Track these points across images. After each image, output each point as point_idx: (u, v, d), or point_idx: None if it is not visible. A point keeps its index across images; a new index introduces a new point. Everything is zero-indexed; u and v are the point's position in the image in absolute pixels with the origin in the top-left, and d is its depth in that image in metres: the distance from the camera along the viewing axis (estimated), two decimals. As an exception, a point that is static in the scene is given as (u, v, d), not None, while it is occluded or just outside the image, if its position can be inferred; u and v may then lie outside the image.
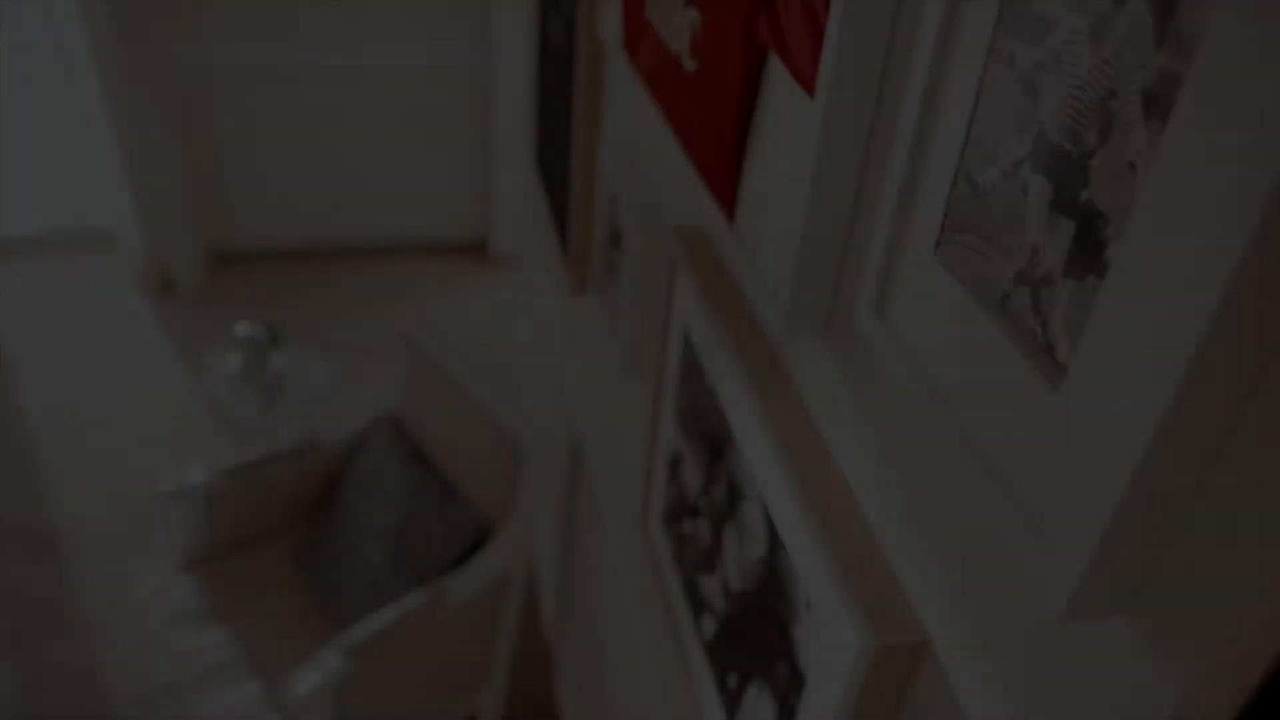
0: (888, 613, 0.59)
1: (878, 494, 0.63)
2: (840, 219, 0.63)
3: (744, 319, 0.84)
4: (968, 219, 0.47)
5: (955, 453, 0.48)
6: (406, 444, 1.93)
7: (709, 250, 0.94)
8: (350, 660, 1.56)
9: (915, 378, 0.52)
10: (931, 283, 0.51)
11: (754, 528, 0.79)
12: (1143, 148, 0.35)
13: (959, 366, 0.49)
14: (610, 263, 1.31)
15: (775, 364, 0.79)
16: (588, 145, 1.37)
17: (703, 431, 0.92)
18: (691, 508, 0.98)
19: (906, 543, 0.60)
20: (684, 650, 1.04)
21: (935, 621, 0.57)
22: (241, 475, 1.92)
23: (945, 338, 0.50)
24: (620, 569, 1.44)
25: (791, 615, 0.71)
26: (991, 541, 0.50)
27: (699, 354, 0.92)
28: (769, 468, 0.74)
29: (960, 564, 0.53)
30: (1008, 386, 0.44)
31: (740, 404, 0.80)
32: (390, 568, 1.81)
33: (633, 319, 1.18)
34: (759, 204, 0.74)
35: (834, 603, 0.63)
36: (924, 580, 0.58)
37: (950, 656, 0.55)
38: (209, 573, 1.95)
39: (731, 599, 0.86)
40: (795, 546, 0.70)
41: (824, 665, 0.65)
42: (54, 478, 2.78)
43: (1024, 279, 0.43)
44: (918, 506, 0.58)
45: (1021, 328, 0.43)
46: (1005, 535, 0.44)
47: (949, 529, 0.54)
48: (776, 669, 0.76)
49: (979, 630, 0.52)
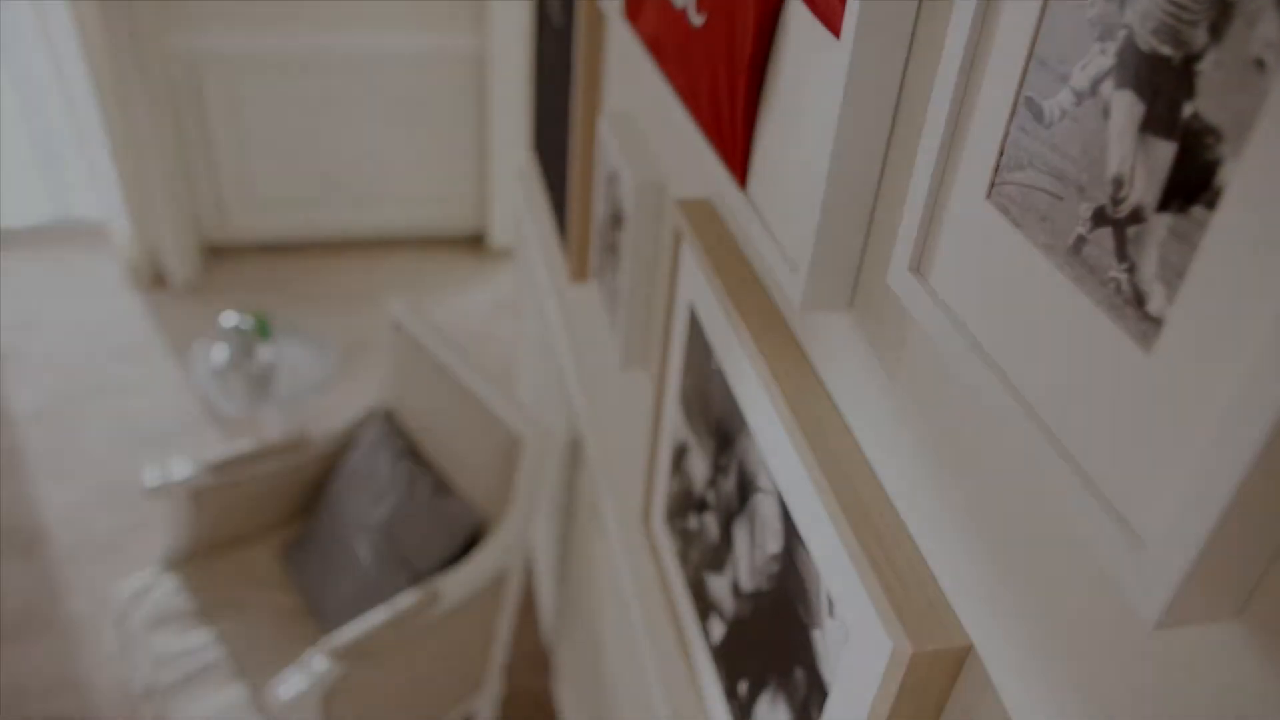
0: (926, 614, 0.52)
1: (912, 482, 0.56)
2: (870, 172, 0.56)
3: (756, 292, 0.77)
4: (1030, 154, 0.41)
5: (1016, 433, 0.41)
6: (399, 437, 1.86)
7: (716, 222, 0.87)
8: (337, 663, 1.49)
9: (963, 346, 0.45)
10: (983, 233, 0.44)
11: (768, 521, 0.72)
12: (1277, 37, 0.28)
13: (1020, 330, 0.42)
14: (611, 245, 1.24)
15: (792, 341, 0.72)
16: (587, 121, 1.30)
17: (710, 418, 0.85)
18: (698, 501, 0.92)
19: (947, 536, 0.53)
20: (689, 655, 0.97)
21: (982, 624, 0.50)
22: (227, 470, 1.85)
23: (1001, 297, 0.43)
24: (622, 568, 1.37)
25: (812, 617, 0.64)
26: (1057, 534, 0.43)
27: (706, 333, 0.85)
28: (786, 454, 0.67)
29: (1014, 559, 0.46)
30: (1084, 350, 0.38)
31: (752, 385, 0.73)
32: (381, 566, 1.74)
33: (634, 300, 1.11)
34: (774, 165, 0.67)
35: (863, 603, 0.56)
36: (968, 577, 0.51)
37: (1000, 664, 0.48)
38: (194, 572, 1.88)
39: (742, 600, 0.79)
40: (816, 541, 0.63)
41: (851, 674, 0.58)
42: (40, 475, 2.71)
43: (1104, 218, 0.36)
44: (962, 495, 0.51)
45: (1101, 277, 0.36)
46: (1080, 527, 0.37)
47: (1001, 520, 0.47)
48: (794, 677, 0.69)
49: (1037, 635, 0.45)
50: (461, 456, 1.74)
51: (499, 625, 1.83)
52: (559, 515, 1.96)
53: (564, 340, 1.84)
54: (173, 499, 1.81)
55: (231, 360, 2.16)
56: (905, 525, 0.58)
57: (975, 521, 0.50)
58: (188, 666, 1.69)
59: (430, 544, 1.70)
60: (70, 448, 2.81)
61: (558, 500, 1.94)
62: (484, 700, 1.95)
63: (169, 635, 1.75)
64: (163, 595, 1.81)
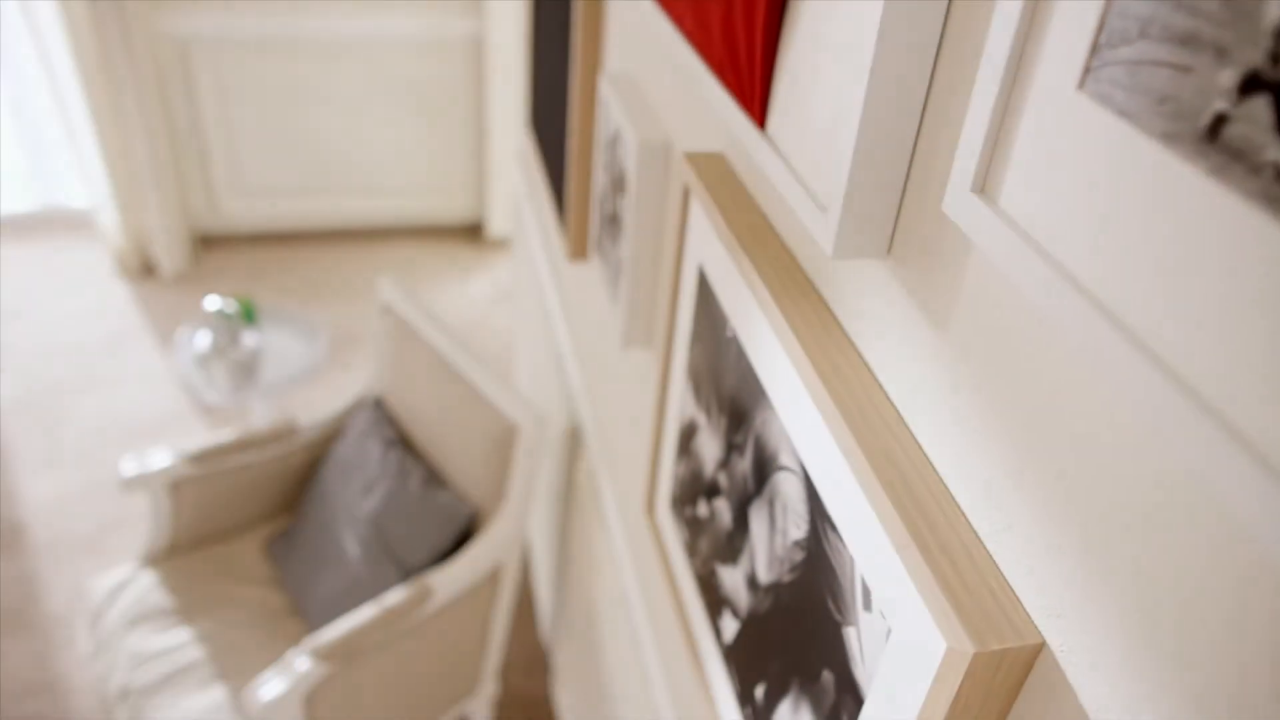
0: (988, 606, 0.44)
1: (965, 451, 0.48)
2: (917, 81, 0.48)
3: (775, 248, 0.69)
4: (1142, 21, 0.32)
5: (1125, 377, 0.33)
6: (389, 426, 1.78)
7: (729, 175, 0.78)
8: (321, 663, 1.41)
9: (1048, 276, 0.36)
10: (1075, 132, 0.36)
11: (791, 504, 0.63)
12: None
13: (1130, 248, 0.33)
14: (612, 215, 1.16)
15: (817, 300, 0.63)
16: (587, 81, 1.22)
17: (722, 392, 0.77)
18: (708, 486, 0.83)
19: (1012, 512, 0.44)
20: (698, 656, 0.88)
21: (1058, 617, 0.41)
22: (208, 460, 1.77)
23: (1102, 208, 0.34)
24: (624, 562, 1.29)
25: (844, 612, 0.56)
26: (1174, 502, 0.34)
27: (717, 297, 0.76)
28: (813, 426, 0.59)
29: (1108, 537, 0.38)
30: (1227, 262, 0.29)
31: (773, 350, 0.65)
32: (370, 561, 1.65)
33: (638, 269, 1.03)
34: (799, 93, 0.59)
35: (908, 594, 0.48)
36: (1041, 562, 0.42)
37: (1082, 664, 0.40)
38: (173, 567, 1.79)
39: (760, 593, 0.71)
40: (850, 523, 0.54)
41: (893, 677, 0.50)
42: (21, 468, 2.63)
43: (1259, 83, 0.28)
44: (1033, 462, 0.42)
45: (1253, 163, 0.28)
46: (1221, 494, 0.29)
47: (1089, 488, 0.39)
48: (820, 680, 0.60)
49: (1136, 630, 0.36)
50: (455, 445, 1.65)
51: (494, 624, 1.74)
52: (557, 507, 1.87)
53: (562, 324, 1.76)
54: (151, 490, 1.73)
55: (215, 345, 2.07)
56: (957, 502, 0.49)
57: (1051, 493, 0.41)
58: (165, 667, 1.61)
59: (421, 537, 1.62)
60: (53, 440, 2.72)
61: (556, 491, 1.85)
62: (478, 703, 1.87)
63: (146, 634, 1.66)
64: (141, 592, 1.73)
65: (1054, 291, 0.36)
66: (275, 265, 3.54)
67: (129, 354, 3.06)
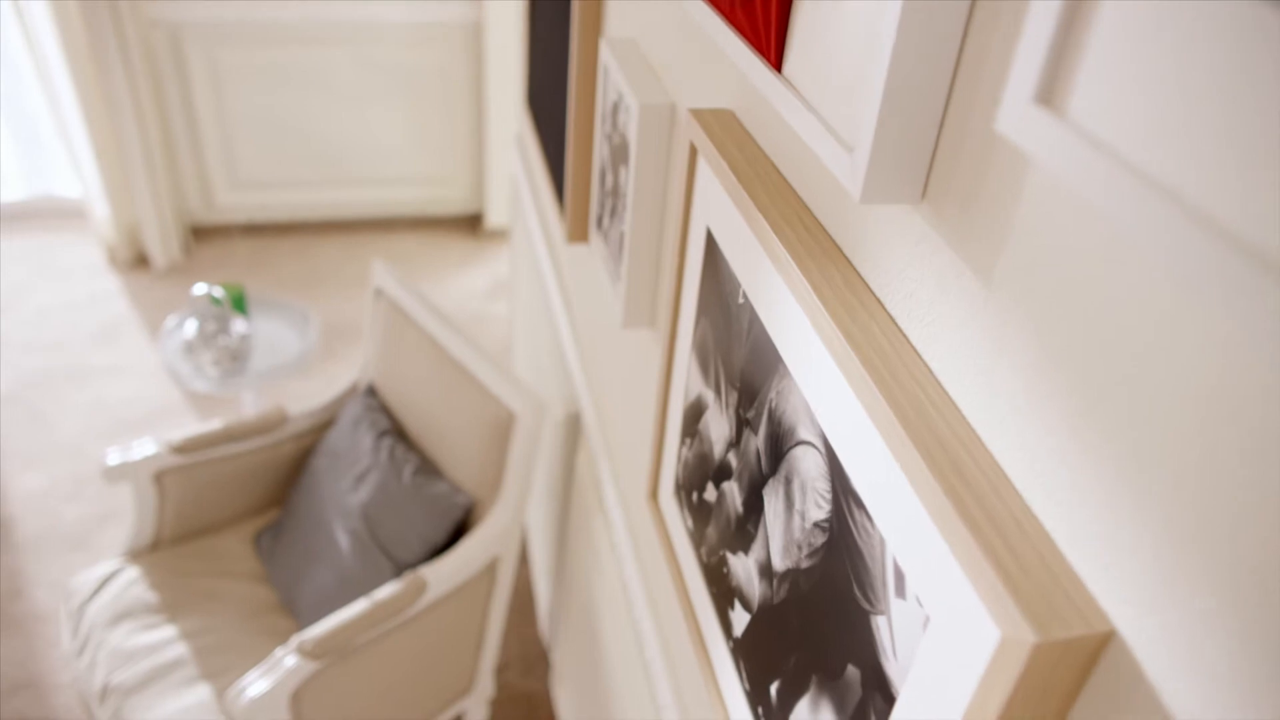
0: (1048, 589, 0.38)
1: (1014, 413, 0.42)
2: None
3: (792, 203, 0.63)
4: None
5: (1244, 309, 0.27)
6: (382, 414, 1.72)
7: (738, 130, 0.72)
8: (309, 660, 1.35)
9: (1138, 192, 0.30)
10: (1174, 12, 0.29)
11: (811, 481, 0.57)
12: None
13: (1249, 154, 0.27)
14: (613, 189, 1.10)
15: (839, 256, 0.57)
16: (588, 47, 1.16)
17: (733, 366, 0.71)
18: (717, 468, 0.77)
19: (1077, 481, 0.38)
20: (706, 651, 0.82)
21: (1132, 601, 0.36)
22: (195, 449, 1.71)
23: (1217, 106, 0.28)
24: (625, 553, 1.23)
25: (873, 599, 0.50)
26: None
27: (728, 261, 0.70)
28: (838, 392, 0.53)
29: (1200, 507, 0.32)
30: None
31: (791, 313, 0.59)
32: (361, 554, 1.59)
33: (641, 241, 0.97)
34: (819, 28, 0.53)
35: (953, 577, 0.42)
36: (1111, 538, 0.37)
37: (1162, 656, 0.34)
38: (159, 562, 1.73)
39: (774, 582, 0.65)
40: (880, 499, 0.48)
41: (932, 672, 0.44)
42: (8, 462, 2.57)
43: None
44: (1098, 421, 0.36)
45: None
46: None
47: (1176, 451, 0.33)
48: (844, 676, 0.54)
49: (1236, 614, 0.30)
50: (449, 434, 1.60)
51: (490, 620, 1.68)
52: (556, 498, 1.81)
53: (561, 310, 1.70)
54: (135, 481, 1.67)
55: (202, 332, 2.01)
56: (1005, 471, 0.43)
57: (1120, 460, 0.35)
58: (148, 664, 1.55)
59: (414, 530, 1.56)
60: (42, 434, 2.66)
61: (555, 482, 1.79)
62: (474, 702, 1.81)
63: (129, 631, 1.60)
64: (123, 587, 1.67)
65: (1147, 213, 0.30)
66: (270, 257, 3.48)
67: (120, 347, 3.00)
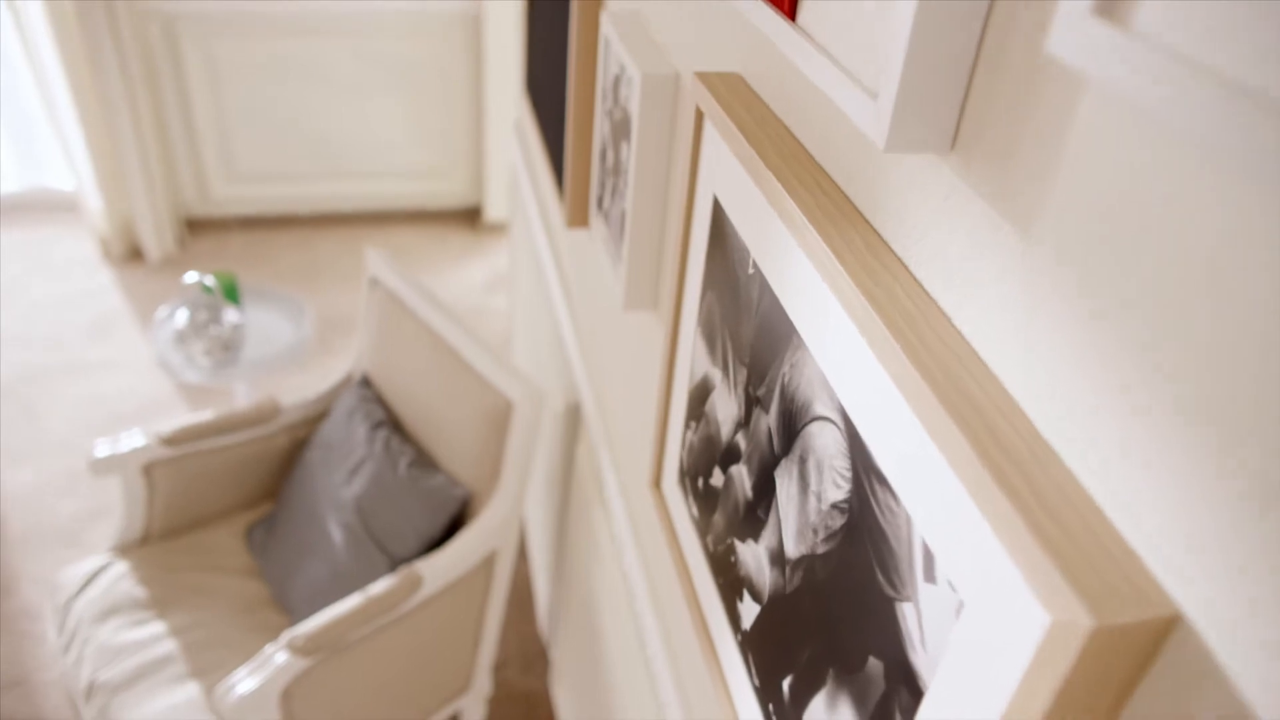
0: (1103, 567, 0.34)
1: (1057, 376, 0.38)
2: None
3: (806, 165, 0.59)
4: None
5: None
6: (377, 405, 1.68)
7: (746, 92, 0.68)
8: (300, 657, 1.31)
9: (1224, 97, 0.26)
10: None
11: (829, 459, 0.53)
12: None
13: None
14: (614, 167, 1.06)
15: (858, 217, 0.53)
16: (588, 19, 1.12)
17: (741, 341, 0.67)
18: (725, 451, 0.73)
19: (1128, 446, 0.34)
20: (712, 645, 0.78)
21: (1200, 581, 0.32)
22: (185, 441, 1.67)
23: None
24: (627, 544, 1.19)
25: (899, 585, 0.46)
26: None
27: (735, 228, 0.66)
28: (859, 359, 0.49)
29: (1269, 473, 0.28)
30: None
31: (808, 279, 0.55)
32: (355, 548, 1.55)
33: (644, 218, 0.93)
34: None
35: (994, 557, 0.38)
36: (1171, 511, 0.32)
37: (1236, 641, 0.30)
38: (148, 556, 1.69)
39: (788, 571, 0.61)
40: (906, 474, 0.44)
41: (968, 663, 0.40)
42: (1, 458, 2.53)
43: None
44: (1160, 379, 0.32)
45: None
46: None
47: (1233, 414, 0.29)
48: (865, 670, 0.50)
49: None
50: (446, 425, 1.55)
51: (488, 616, 1.64)
52: (556, 490, 1.77)
53: (561, 297, 1.66)
54: (123, 474, 1.63)
55: (194, 322, 1.97)
56: (1047, 441, 0.39)
57: (1184, 411, 0.31)
58: (136, 661, 1.51)
59: (409, 523, 1.52)
60: (33, 429, 2.62)
61: (554, 473, 1.75)
62: (472, 700, 1.77)
63: (117, 627, 1.56)
64: (112, 582, 1.63)
65: (1231, 120, 0.26)
66: (267, 250, 3.44)
67: (114, 340, 2.96)
